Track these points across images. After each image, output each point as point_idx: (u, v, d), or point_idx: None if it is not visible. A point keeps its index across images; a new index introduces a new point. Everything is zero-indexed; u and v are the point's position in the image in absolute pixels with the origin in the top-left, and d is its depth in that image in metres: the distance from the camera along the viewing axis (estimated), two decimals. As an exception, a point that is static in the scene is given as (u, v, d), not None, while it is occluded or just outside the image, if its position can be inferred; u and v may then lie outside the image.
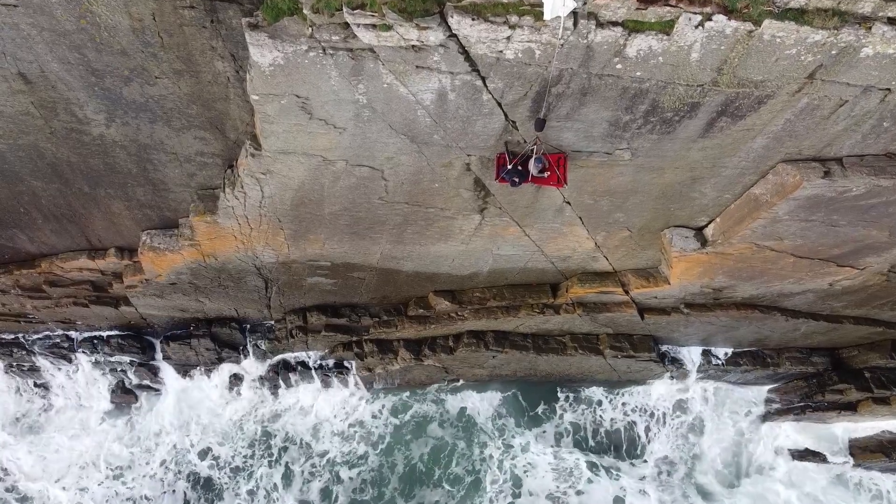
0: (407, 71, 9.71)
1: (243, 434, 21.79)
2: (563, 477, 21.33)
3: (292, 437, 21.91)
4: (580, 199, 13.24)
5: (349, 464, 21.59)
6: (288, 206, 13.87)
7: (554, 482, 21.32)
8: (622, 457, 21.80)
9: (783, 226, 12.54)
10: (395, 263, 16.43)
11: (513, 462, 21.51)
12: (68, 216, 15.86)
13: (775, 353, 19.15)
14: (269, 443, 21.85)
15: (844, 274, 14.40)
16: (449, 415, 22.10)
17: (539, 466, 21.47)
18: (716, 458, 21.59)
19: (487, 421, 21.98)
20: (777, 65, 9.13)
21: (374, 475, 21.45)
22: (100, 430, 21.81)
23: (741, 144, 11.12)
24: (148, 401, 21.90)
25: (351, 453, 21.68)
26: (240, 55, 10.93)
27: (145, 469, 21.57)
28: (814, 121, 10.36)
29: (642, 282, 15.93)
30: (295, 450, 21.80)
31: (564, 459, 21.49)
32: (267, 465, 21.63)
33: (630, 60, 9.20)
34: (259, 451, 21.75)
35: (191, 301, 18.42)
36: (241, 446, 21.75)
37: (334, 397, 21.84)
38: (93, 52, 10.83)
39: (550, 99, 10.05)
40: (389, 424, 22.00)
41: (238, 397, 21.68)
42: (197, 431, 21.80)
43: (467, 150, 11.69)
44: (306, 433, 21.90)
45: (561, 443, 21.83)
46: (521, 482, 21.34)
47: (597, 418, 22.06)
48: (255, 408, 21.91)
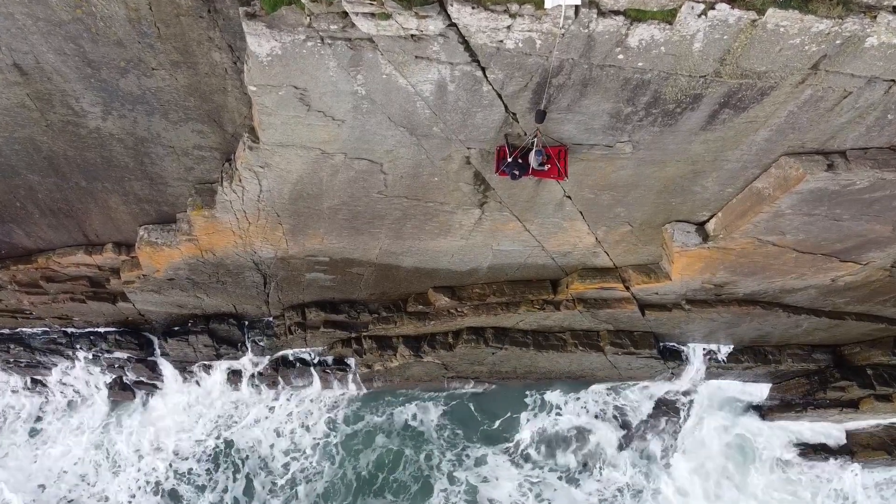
0: (406, 61, 9.60)
1: (205, 445, 21.72)
2: (526, 488, 21.36)
3: (253, 449, 21.86)
4: (581, 193, 13.13)
5: (306, 478, 21.52)
6: (286, 201, 13.76)
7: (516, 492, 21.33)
8: (587, 466, 21.76)
9: (786, 220, 12.43)
10: (394, 259, 16.33)
11: (468, 473, 21.51)
12: (65, 211, 15.76)
13: (777, 350, 19.04)
14: (231, 455, 21.81)
15: (847, 269, 14.28)
16: (401, 426, 22.09)
17: (500, 476, 21.47)
18: (705, 458, 21.57)
19: (441, 431, 21.99)
20: (781, 55, 9.02)
21: (328, 487, 21.38)
22: (90, 429, 21.72)
23: (744, 137, 11.01)
24: (142, 399, 21.86)
25: (307, 467, 21.61)
26: (237, 46, 10.82)
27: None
28: (817, 113, 10.26)
29: (643, 278, 15.82)
30: (256, 462, 21.73)
31: (525, 469, 21.51)
32: (231, 478, 21.59)
33: (632, 50, 9.09)
34: (223, 465, 21.68)
35: (189, 297, 18.31)
36: (203, 457, 21.65)
37: (297, 408, 21.90)
38: (89, 42, 10.73)
39: (551, 90, 9.95)
40: (342, 435, 22.00)
41: (211, 405, 21.72)
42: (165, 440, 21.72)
43: (467, 142, 11.58)
44: (267, 447, 21.87)
45: (526, 450, 21.81)
46: (477, 491, 21.32)
47: (566, 421, 22.03)
48: (224, 417, 21.83)
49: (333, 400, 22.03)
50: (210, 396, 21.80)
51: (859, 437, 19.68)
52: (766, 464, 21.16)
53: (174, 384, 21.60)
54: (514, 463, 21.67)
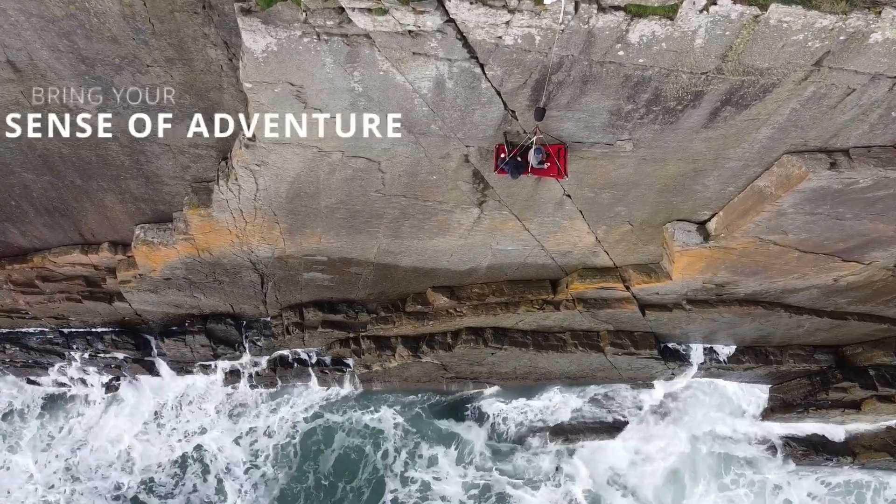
0: (403, 58, 9.46)
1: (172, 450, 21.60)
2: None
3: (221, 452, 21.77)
4: (581, 191, 13.00)
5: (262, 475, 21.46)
6: (283, 199, 13.63)
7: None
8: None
9: (788, 219, 12.30)
10: (392, 258, 16.19)
11: (418, 473, 21.59)
12: (60, 210, 15.63)
13: (778, 351, 18.92)
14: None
15: (850, 269, 14.16)
16: (360, 427, 22.18)
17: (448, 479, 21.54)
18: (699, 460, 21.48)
19: (394, 435, 22.10)
20: (783, 51, 8.89)
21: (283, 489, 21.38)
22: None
23: (745, 135, 10.88)
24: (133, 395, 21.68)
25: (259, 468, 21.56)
26: (233, 42, 10.68)
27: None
28: (820, 110, 10.12)
29: (644, 277, 15.69)
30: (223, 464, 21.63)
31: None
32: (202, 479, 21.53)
33: (632, 47, 8.96)
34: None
35: (186, 297, 18.19)
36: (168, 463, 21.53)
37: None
38: (82, 39, 10.59)
39: (550, 87, 9.81)
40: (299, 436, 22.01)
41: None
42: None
43: (466, 140, 11.45)
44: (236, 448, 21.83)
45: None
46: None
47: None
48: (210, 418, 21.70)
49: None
50: (205, 396, 21.63)
51: (863, 438, 19.57)
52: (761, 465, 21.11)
53: (171, 383, 21.45)
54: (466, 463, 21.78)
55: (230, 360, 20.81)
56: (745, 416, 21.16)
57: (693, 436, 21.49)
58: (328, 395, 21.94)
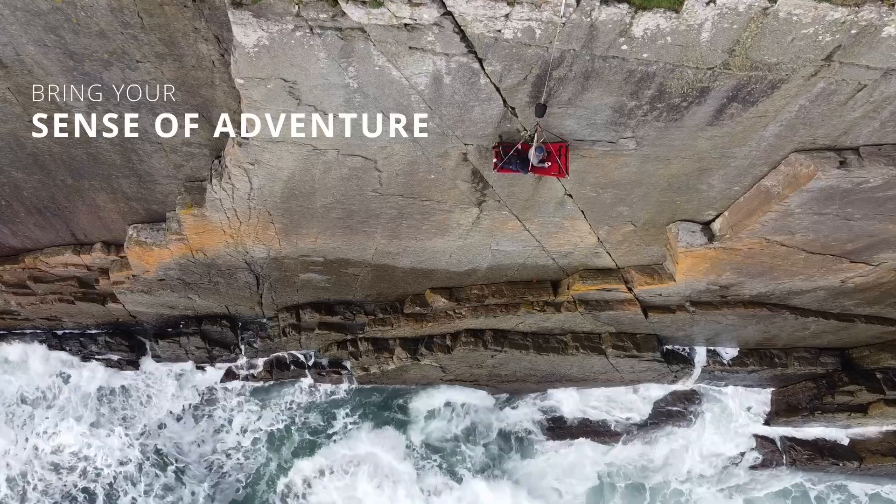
0: (399, 52, 9.16)
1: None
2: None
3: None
4: (582, 191, 12.69)
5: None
6: (278, 199, 13.34)
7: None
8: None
9: (795, 219, 11.98)
10: (390, 259, 15.89)
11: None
12: (52, 209, 15.34)
13: (783, 353, 18.60)
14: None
15: (857, 270, 13.84)
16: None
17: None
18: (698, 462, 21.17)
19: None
20: (793, 45, 8.59)
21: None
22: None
23: (752, 133, 10.57)
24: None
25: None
26: (224, 37, 10.37)
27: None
28: (830, 107, 9.82)
29: (646, 279, 15.39)
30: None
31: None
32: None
33: (636, 41, 8.67)
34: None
35: (180, 298, 17.90)
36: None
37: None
38: (70, 33, 10.29)
39: (551, 83, 9.52)
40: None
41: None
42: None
43: (464, 138, 11.15)
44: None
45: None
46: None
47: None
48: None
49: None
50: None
51: (869, 442, 19.23)
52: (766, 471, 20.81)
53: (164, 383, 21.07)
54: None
55: (226, 362, 20.50)
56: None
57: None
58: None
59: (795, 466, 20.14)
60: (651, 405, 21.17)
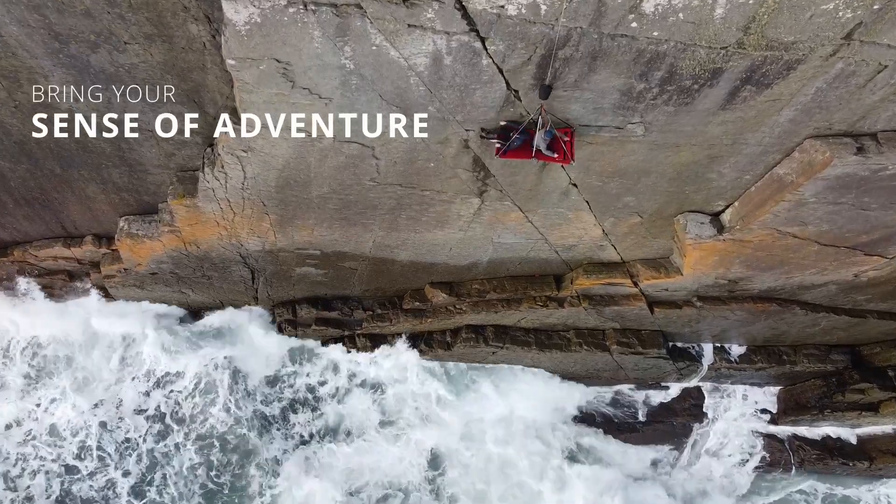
0: (398, 30, 8.73)
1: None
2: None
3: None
4: (587, 180, 12.25)
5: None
6: (272, 188, 12.90)
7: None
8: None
9: (808, 209, 11.54)
10: (388, 252, 15.45)
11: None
12: (41, 200, 14.91)
13: (792, 351, 18.12)
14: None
15: (872, 264, 13.40)
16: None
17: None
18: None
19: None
20: (811, 22, 8.17)
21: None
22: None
23: (765, 118, 10.14)
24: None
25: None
26: (215, 16, 9.95)
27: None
28: (848, 90, 9.40)
29: (653, 273, 14.93)
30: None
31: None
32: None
33: (647, 18, 8.24)
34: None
35: (173, 293, 17.47)
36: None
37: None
38: (54, 12, 9.87)
39: (557, 64, 9.09)
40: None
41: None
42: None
43: (465, 124, 10.71)
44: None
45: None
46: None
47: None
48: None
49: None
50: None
51: (879, 441, 18.77)
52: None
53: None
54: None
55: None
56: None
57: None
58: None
59: (804, 467, 19.69)
60: (653, 402, 20.72)
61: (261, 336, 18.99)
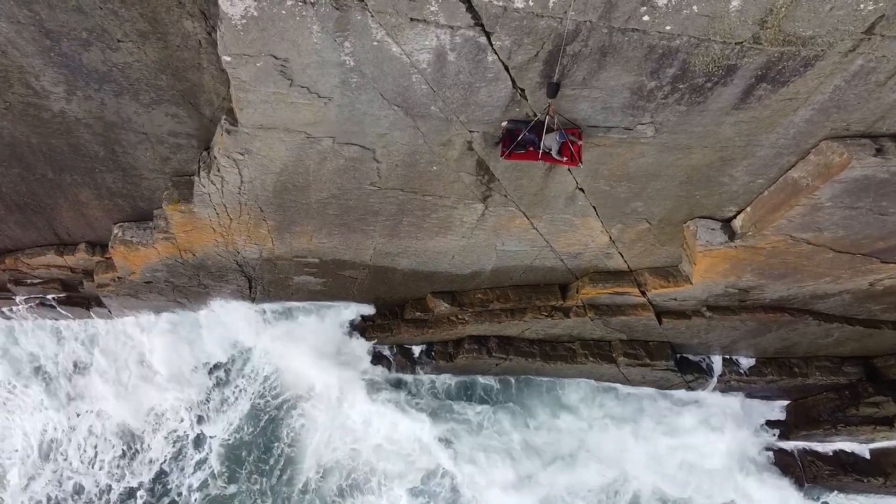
0: (400, 24, 8.40)
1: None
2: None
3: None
4: (595, 184, 11.88)
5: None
6: (270, 193, 12.53)
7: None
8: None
9: (824, 214, 11.14)
10: (389, 260, 15.04)
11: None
12: (32, 206, 14.53)
13: (803, 363, 17.61)
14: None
15: (888, 272, 12.98)
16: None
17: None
18: None
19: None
20: (831, 15, 7.83)
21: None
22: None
23: (781, 118, 9.77)
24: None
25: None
26: (211, 13, 9.65)
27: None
28: (867, 88, 9.04)
29: (661, 281, 14.51)
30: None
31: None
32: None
33: (659, 11, 7.91)
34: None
35: (169, 302, 17.05)
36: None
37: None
38: (45, 8, 9.56)
39: (565, 60, 8.75)
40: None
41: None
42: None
43: (469, 124, 10.36)
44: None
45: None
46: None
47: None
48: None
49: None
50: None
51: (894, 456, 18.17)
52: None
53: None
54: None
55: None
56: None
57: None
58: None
59: (816, 482, 19.08)
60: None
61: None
